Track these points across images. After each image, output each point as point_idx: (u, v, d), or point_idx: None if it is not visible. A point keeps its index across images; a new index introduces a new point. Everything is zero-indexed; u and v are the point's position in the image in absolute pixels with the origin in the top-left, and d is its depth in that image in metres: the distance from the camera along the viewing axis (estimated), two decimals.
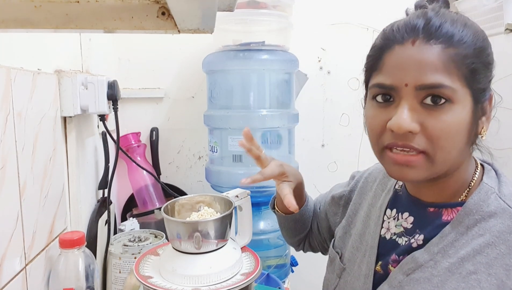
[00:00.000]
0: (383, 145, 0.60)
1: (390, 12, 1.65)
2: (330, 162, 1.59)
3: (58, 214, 0.86)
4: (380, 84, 0.60)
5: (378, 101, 0.61)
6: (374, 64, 0.62)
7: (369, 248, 0.70)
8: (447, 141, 0.56)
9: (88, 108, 0.96)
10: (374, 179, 0.78)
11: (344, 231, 0.79)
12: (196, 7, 0.38)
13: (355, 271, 0.72)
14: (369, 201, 0.76)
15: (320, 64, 1.54)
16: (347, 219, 0.80)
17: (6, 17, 0.41)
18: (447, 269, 0.58)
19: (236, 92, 1.28)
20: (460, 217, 0.60)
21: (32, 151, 0.75)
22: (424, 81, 0.55)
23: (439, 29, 0.56)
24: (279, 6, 1.27)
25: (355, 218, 0.78)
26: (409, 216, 0.67)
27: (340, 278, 0.75)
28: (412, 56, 0.56)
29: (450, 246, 0.59)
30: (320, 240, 0.91)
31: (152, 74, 1.50)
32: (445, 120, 0.55)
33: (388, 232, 0.69)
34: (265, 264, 1.26)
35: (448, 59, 0.55)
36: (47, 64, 0.88)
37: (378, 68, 0.61)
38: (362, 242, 0.73)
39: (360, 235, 0.74)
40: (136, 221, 1.22)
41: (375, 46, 0.63)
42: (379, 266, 0.68)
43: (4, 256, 0.64)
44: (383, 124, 0.59)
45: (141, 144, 1.42)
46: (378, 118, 0.60)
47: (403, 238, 0.66)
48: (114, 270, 1.02)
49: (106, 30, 0.42)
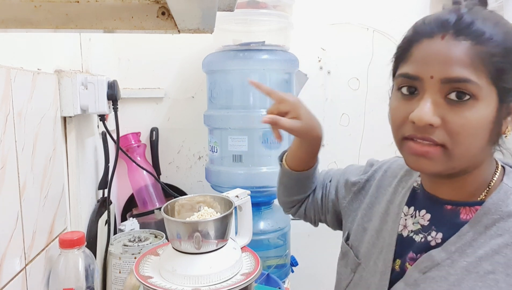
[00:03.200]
0: (403, 135, 0.61)
1: (390, 12, 1.66)
2: (330, 162, 1.59)
3: (58, 214, 0.86)
4: (405, 74, 0.60)
5: (403, 93, 0.61)
6: (402, 55, 0.63)
7: (386, 245, 0.70)
8: (467, 138, 0.56)
9: (88, 108, 0.96)
10: (395, 174, 0.77)
11: (360, 225, 0.77)
12: (196, 7, 0.38)
13: (370, 267, 0.71)
14: (388, 197, 0.75)
15: (320, 64, 1.54)
16: (362, 213, 0.78)
17: (6, 17, 0.41)
18: (464, 268, 0.58)
19: (236, 92, 1.28)
20: (478, 217, 0.60)
21: (32, 151, 0.75)
22: (450, 74, 0.55)
23: (469, 26, 0.56)
24: (279, 6, 1.27)
25: (371, 212, 0.77)
26: (426, 213, 0.66)
27: (355, 273, 0.74)
28: (440, 50, 0.57)
29: (468, 246, 0.59)
30: (318, 211, 0.90)
31: (152, 74, 1.50)
32: (467, 117, 0.55)
33: (405, 230, 0.68)
34: (265, 264, 1.26)
35: (476, 56, 0.55)
36: (47, 64, 0.88)
37: (405, 59, 0.61)
38: (379, 239, 0.72)
39: (377, 231, 0.73)
40: (136, 221, 1.22)
41: (405, 37, 0.64)
42: (397, 265, 0.67)
43: (4, 256, 0.64)
44: (405, 115, 0.60)
45: (141, 144, 1.42)
46: (401, 109, 0.61)
47: (419, 235, 0.66)
48: (114, 270, 1.02)
49: (106, 30, 0.42)
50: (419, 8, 1.52)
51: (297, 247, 1.50)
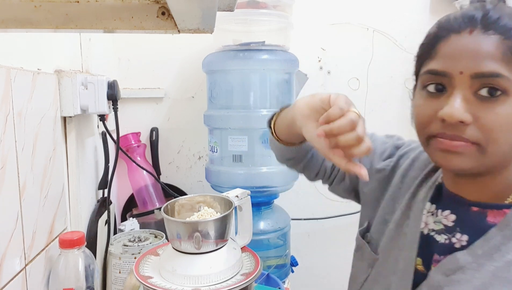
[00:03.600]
0: (430, 134, 0.58)
1: (390, 12, 1.66)
2: None
3: (58, 214, 0.86)
4: (432, 70, 0.58)
5: (429, 90, 0.58)
6: (426, 52, 0.60)
7: (408, 243, 0.66)
8: (501, 134, 0.54)
9: (88, 108, 0.96)
10: (423, 167, 0.72)
11: (381, 217, 0.74)
12: (196, 7, 0.38)
13: (390, 264, 0.68)
14: (412, 190, 0.71)
15: (320, 64, 1.54)
16: (384, 204, 0.74)
17: (6, 17, 0.41)
18: (491, 273, 0.56)
19: (236, 92, 1.28)
20: (507, 220, 0.58)
21: (32, 151, 0.75)
22: (481, 69, 0.53)
23: (497, 21, 0.55)
24: (279, 6, 1.27)
25: (393, 204, 0.73)
26: (450, 214, 0.63)
27: (372, 268, 0.71)
28: (468, 44, 0.55)
29: (496, 250, 0.57)
30: (321, 175, 0.83)
31: (152, 74, 1.50)
32: (499, 113, 0.53)
33: (425, 227, 0.66)
34: (265, 264, 1.26)
35: (507, 50, 0.53)
36: (47, 64, 0.88)
37: (431, 56, 0.59)
38: (400, 234, 0.69)
39: (397, 225, 0.70)
40: (136, 221, 1.22)
41: (429, 34, 0.61)
42: (420, 265, 0.64)
43: (4, 256, 0.64)
44: (432, 114, 0.57)
45: (141, 144, 1.42)
46: (427, 107, 0.58)
47: (442, 235, 0.63)
48: (114, 270, 1.02)
49: (106, 30, 0.42)
50: (419, 8, 1.52)
51: (297, 247, 1.50)
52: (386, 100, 1.56)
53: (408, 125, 0.66)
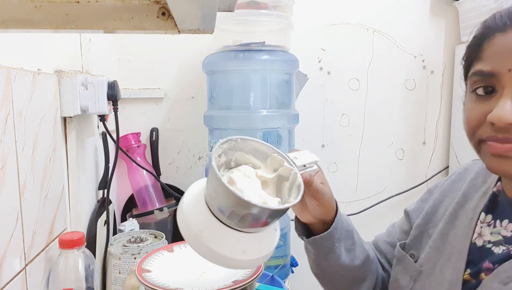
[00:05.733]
0: (480, 138, 0.56)
1: (390, 12, 1.66)
2: (330, 162, 1.59)
3: (58, 214, 0.86)
4: (479, 72, 0.56)
5: (478, 94, 0.56)
6: (473, 54, 0.58)
7: (456, 252, 0.64)
8: None
9: (88, 108, 0.96)
10: (464, 179, 0.71)
11: (420, 229, 0.72)
12: (196, 7, 0.38)
13: (436, 275, 0.65)
14: (457, 199, 0.69)
15: (320, 65, 1.54)
16: (424, 217, 0.73)
17: (6, 17, 0.41)
18: None
19: (236, 92, 1.28)
20: None
21: (32, 151, 0.75)
22: None
23: None
24: (279, 6, 1.27)
25: (434, 216, 0.71)
26: (509, 223, 0.60)
27: (415, 281, 0.68)
28: None
29: None
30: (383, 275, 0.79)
31: (152, 74, 1.50)
32: None
33: (480, 239, 0.62)
34: (265, 264, 1.26)
35: None
36: (47, 64, 0.88)
37: (478, 57, 0.57)
38: (446, 244, 0.66)
39: (441, 235, 0.67)
40: (136, 222, 1.22)
41: (475, 36, 0.59)
42: (467, 274, 0.61)
43: (4, 256, 0.64)
44: (481, 117, 0.55)
45: (141, 144, 1.42)
46: (476, 110, 0.56)
47: (500, 247, 0.59)
48: (114, 271, 1.01)
49: (106, 30, 0.42)
50: (419, 9, 1.52)
51: (297, 247, 1.50)
52: (386, 100, 1.56)
53: (408, 125, 0.66)
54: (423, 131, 1.58)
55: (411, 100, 1.57)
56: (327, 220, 0.69)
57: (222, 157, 0.55)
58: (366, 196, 1.60)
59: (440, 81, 1.57)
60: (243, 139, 0.55)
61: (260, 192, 0.54)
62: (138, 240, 1.07)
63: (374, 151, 1.59)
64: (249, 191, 0.52)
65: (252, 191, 0.52)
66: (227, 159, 0.56)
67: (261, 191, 0.54)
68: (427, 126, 1.58)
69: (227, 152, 0.55)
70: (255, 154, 0.57)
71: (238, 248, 0.52)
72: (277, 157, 0.56)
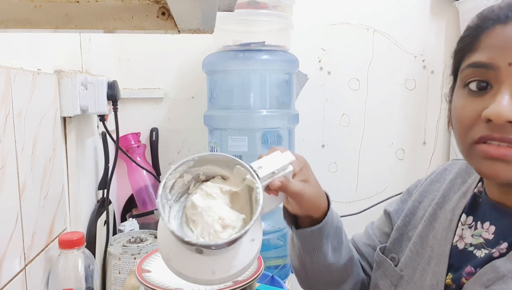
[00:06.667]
0: (473, 139, 0.52)
1: (390, 12, 1.66)
2: (330, 162, 1.59)
3: (57, 215, 0.86)
4: (476, 63, 0.52)
5: (471, 89, 0.52)
6: (468, 45, 0.54)
7: (436, 255, 0.61)
8: None
9: (88, 108, 0.96)
10: (443, 179, 0.69)
11: (400, 232, 0.70)
12: (196, 7, 0.38)
13: (416, 280, 0.63)
14: (436, 200, 0.67)
15: (320, 65, 1.54)
16: (403, 219, 0.70)
17: (6, 17, 0.41)
18: None
19: (236, 92, 1.28)
20: None
21: (31, 151, 0.75)
22: None
23: None
24: (279, 6, 1.27)
25: (413, 218, 0.69)
26: (490, 225, 0.57)
27: (396, 286, 0.66)
28: None
29: None
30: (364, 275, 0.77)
31: (152, 74, 1.50)
32: None
33: (461, 241, 0.60)
34: (265, 265, 1.26)
35: None
36: (47, 64, 0.88)
37: (473, 48, 0.53)
38: (425, 247, 0.64)
39: (421, 238, 0.65)
40: (135, 222, 1.22)
41: (469, 27, 0.56)
42: (449, 279, 0.59)
43: (4, 256, 0.64)
44: (475, 115, 0.51)
45: (141, 144, 1.42)
46: (469, 107, 0.52)
47: (482, 250, 0.57)
48: (114, 271, 1.01)
49: (106, 30, 0.42)
50: (419, 9, 1.52)
51: None
52: (386, 100, 1.56)
53: (408, 125, 0.65)
54: (423, 131, 1.58)
55: (411, 100, 1.57)
56: (315, 217, 0.65)
57: (185, 176, 0.54)
58: (366, 196, 1.60)
59: (440, 81, 1.57)
60: (200, 156, 0.53)
61: (222, 213, 0.52)
62: (138, 240, 1.07)
63: (374, 151, 1.59)
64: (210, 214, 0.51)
65: (213, 212, 0.52)
66: (195, 175, 0.55)
67: (224, 210, 0.52)
68: (427, 126, 1.58)
69: (189, 170, 0.54)
70: (221, 165, 0.55)
71: (206, 271, 0.51)
72: (240, 169, 0.54)
